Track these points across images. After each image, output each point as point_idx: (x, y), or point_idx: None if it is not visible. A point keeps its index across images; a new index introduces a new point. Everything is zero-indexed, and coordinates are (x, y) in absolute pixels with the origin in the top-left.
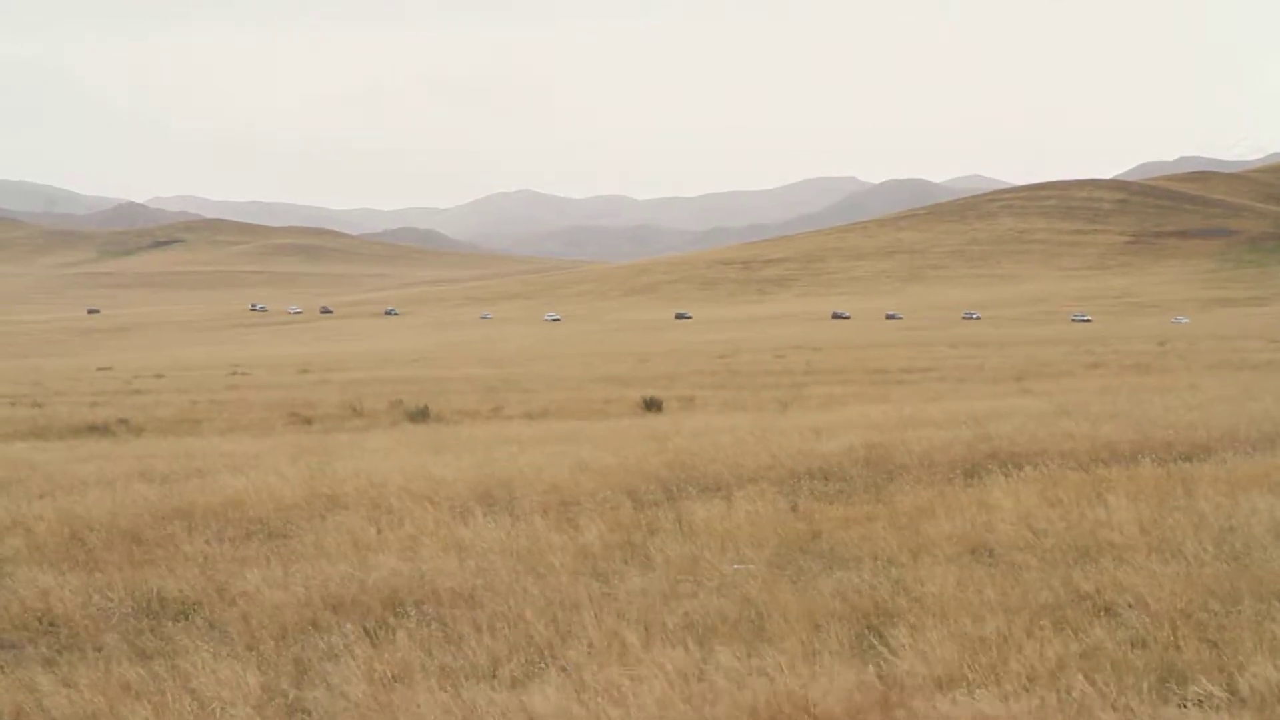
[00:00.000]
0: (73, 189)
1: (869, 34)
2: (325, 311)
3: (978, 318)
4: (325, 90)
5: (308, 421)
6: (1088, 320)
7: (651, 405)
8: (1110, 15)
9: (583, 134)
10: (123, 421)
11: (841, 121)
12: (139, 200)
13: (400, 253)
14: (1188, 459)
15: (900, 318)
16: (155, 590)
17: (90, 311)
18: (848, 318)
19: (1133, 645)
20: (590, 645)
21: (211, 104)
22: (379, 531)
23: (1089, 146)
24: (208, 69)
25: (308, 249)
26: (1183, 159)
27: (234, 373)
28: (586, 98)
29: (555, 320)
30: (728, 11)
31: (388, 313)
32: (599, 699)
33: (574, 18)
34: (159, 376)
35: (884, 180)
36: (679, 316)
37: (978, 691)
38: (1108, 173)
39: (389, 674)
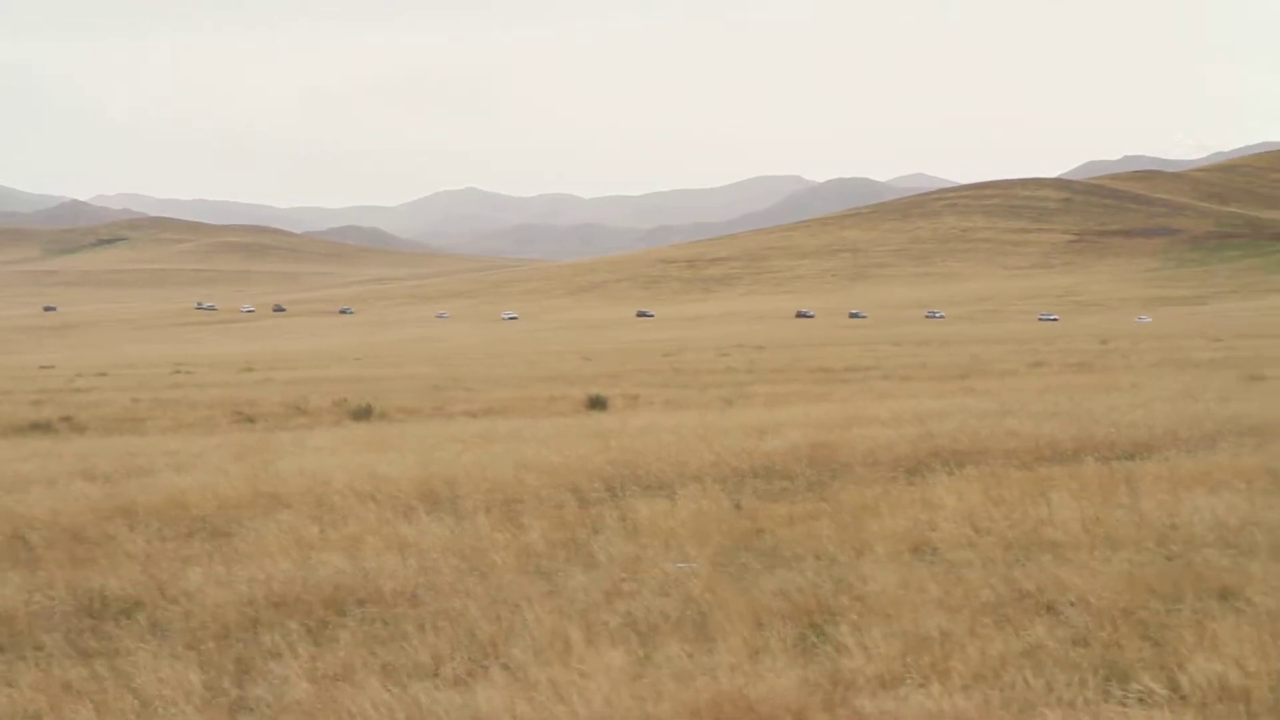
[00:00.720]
0: (16, 187)
1: (813, 35)
2: (278, 309)
3: (941, 316)
4: (271, 89)
5: (251, 420)
6: (1054, 319)
7: (596, 403)
8: (1054, 15)
9: (529, 133)
10: (65, 419)
11: (786, 121)
12: (83, 198)
13: (345, 251)
14: (1130, 457)
15: (865, 316)
16: (97, 589)
17: (46, 309)
18: (811, 316)
19: (1075, 643)
20: (534, 643)
21: (156, 103)
22: (322, 530)
23: (1033, 146)
24: (153, 68)
25: (252, 247)
26: (1126, 158)
27: (177, 371)
28: (533, 96)
29: (513, 319)
30: (673, 12)
31: (343, 311)
32: (543, 697)
33: (519, 18)
34: (102, 375)
35: (828, 179)
36: (640, 314)
37: (921, 689)
38: (1052, 172)
39: (332, 672)
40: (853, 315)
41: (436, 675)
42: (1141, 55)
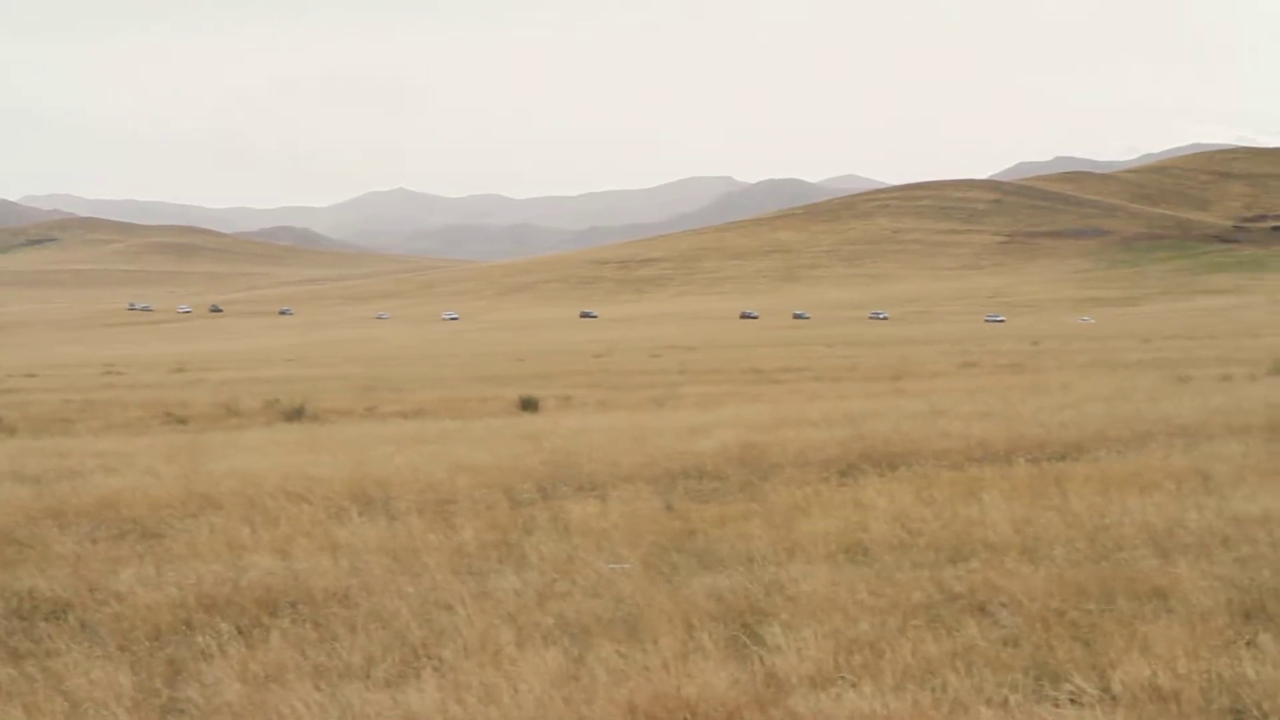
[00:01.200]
0: None
1: (742, 36)
2: (215, 310)
3: (885, 317)
4: (201, 88)
5: (182, 421)
6: (1001, 321)
7: (528, 404)
8: (986, 17)
9: (460, 133)
10: None
11: (717, 122)
12: (11, 198)
13: (275, 252)
14: (1061, 458)
15: (808, 317)
16: (27, 590)
17: None
18: (755, 317)
19: (1006, 644)
20: (466, 644)
21: (86, 103)
22: (253, 531)
23: (965, 147)
24: (81, 66)
25: (182, 248)
26: (1057, 159)
27: (108, 372)
28: (463, 97)
29: (454, 319)
30: (603, 13)
31: (282, 312)
32: (475, 698)
33: (450, 17)
34: (31, 376)
35: (760, 180)
36: (584, 315)
37: (853, 689)
38: (983, 173)
39: (263, 674)
40: (796, 316)
41: (368, 676)
42: (1072, 57)
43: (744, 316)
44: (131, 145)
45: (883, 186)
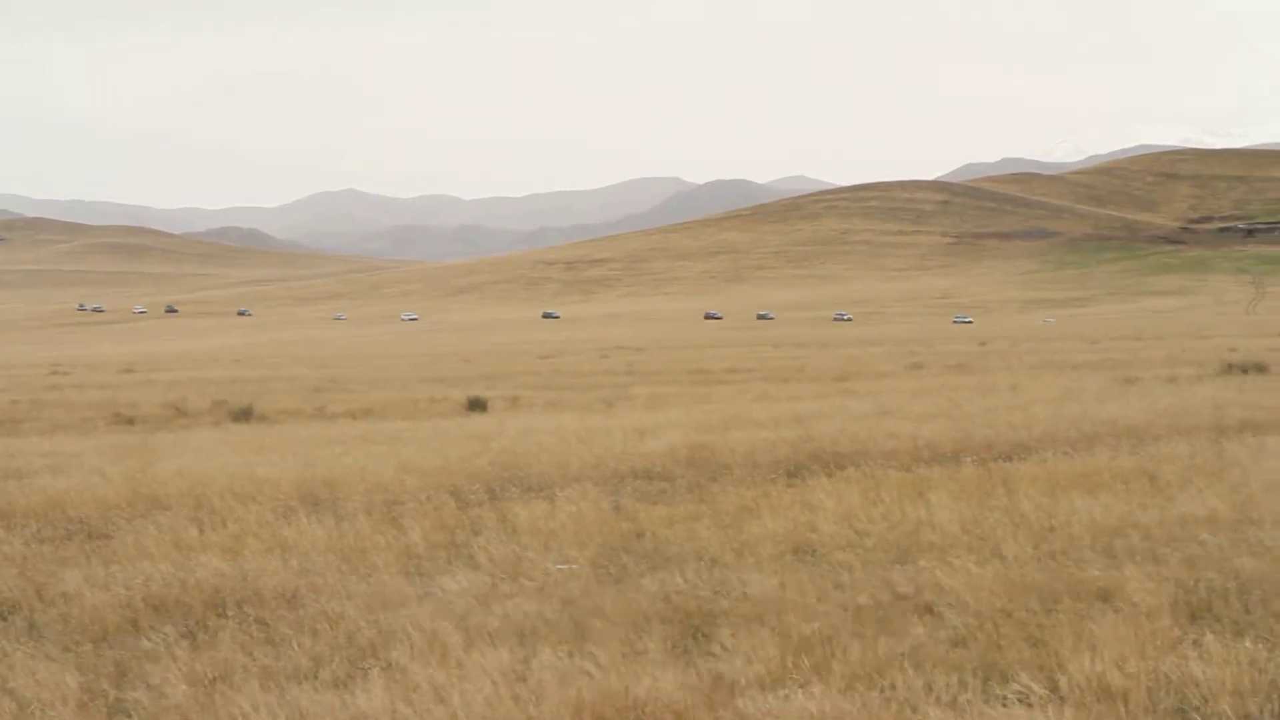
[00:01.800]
0: None
1: (691, 37)
2: (171, 310)
3: (849, 319)
4: (151, 89)
5: (130, 421)
6: (969, 322)
7: (476, 405)
8: (934, 19)
9: (410, 134)
10: None
11: (665, 123)
12: None
13: (223, 252)
14: (1008, 459)
15: (772, 317)
16: None
17: None
18: (720, 318)
19: (954, 644)
20: (414, 645)
21: (35, 101)
22: (201, 532)
23: (912, 148)
24: (31, 65)
25: (130, 248)
26: (1005, 160)
27: (55, 372)
28: (414, 98)
29: (413, 319)
30: (553, 15)
31: (241, 313)
32: (424, 699)
33: (401, 19)
34: None
35: (708, 181)
36: (546, 315)
37: (802, 690)
38: (930, 174)
39: (210, 675)
40: (760, 317)
41: (316, 677)
42: (1019, 59)
43: (708, 317)
44: (80, 145)
45: (831, 187)
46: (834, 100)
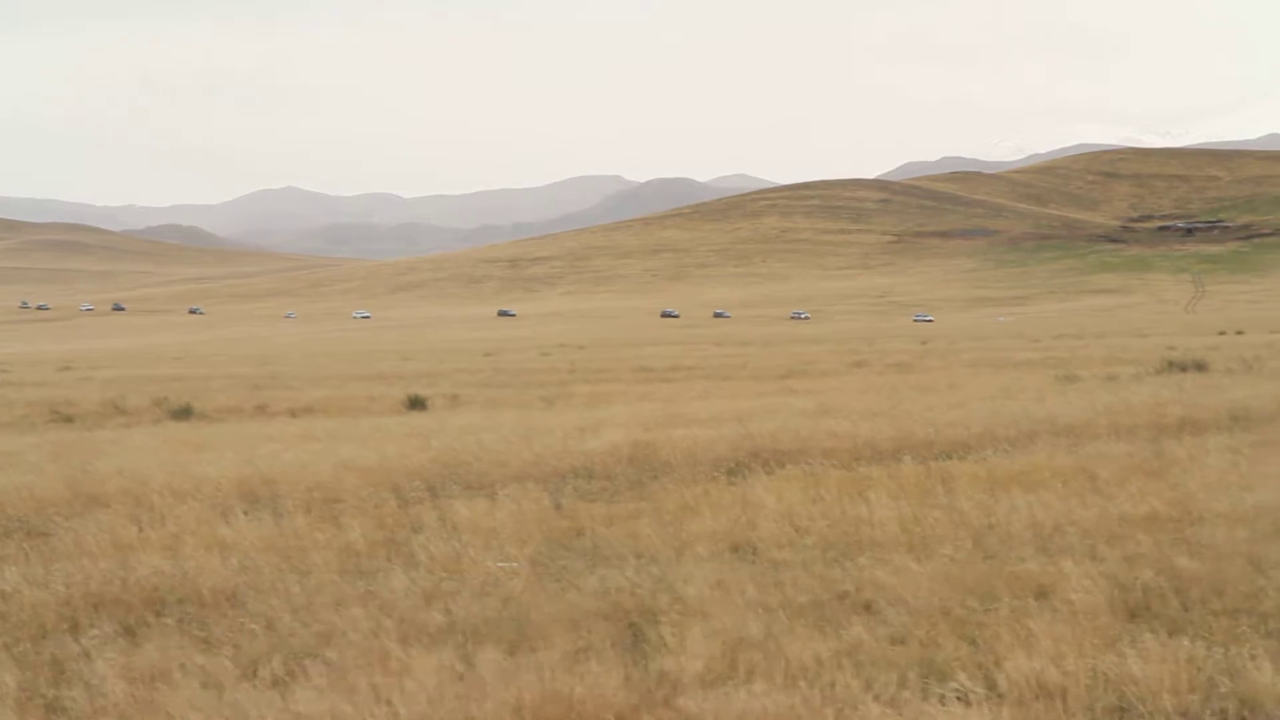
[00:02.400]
0: None
1: (632, 36)
2: (118, 309)
3: (806, 317)
4: (95, 85)
5: (69, 419)
6: (929, 320)
7: (416, 403)
8: (874, 18)
9: (350, 132)
10: None
11: (607, 121)
12: None
13: (163, 250)
14: (948, 457)
15: (729, 315)
16: None
17: None
18: (676, 316)
19: (893, 642)
20: (354, 644)
21: None
22: (141, 530)
23: (853, 147)
24: None
25: (70, 245)
26: (945, 159)
27: None
28: (355, 96)
29: (365, 318)
30: (494, 14)
31: (192, 311)
32: (364, 698)
33: (342, 16)
34: None
35: (649, 179)
36: (501, 314)
37: (742, 688)
38: (871, 173)
39: (149, 673)
40: (717, 315)
41: (255, 676)
42: (960, 58)
43: (665, 315)
44: (19, 142)
45: (772, 186)
46: (775, 99)
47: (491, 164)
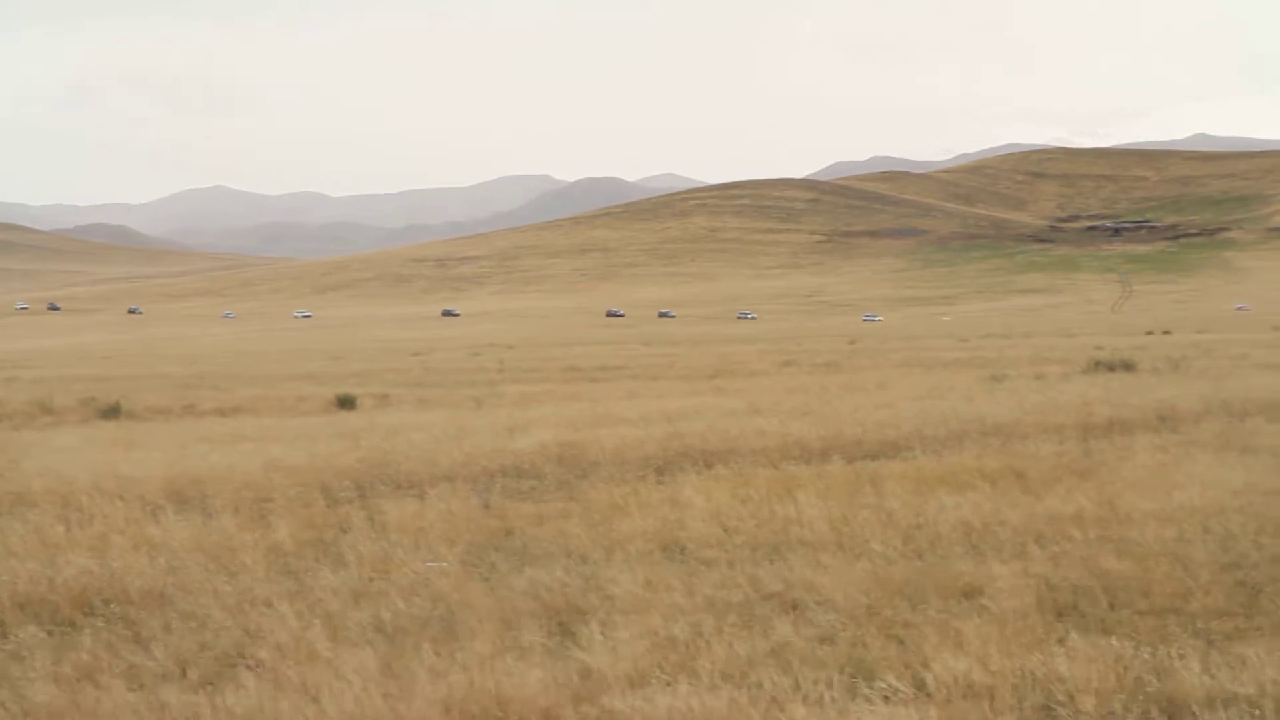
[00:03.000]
0: None
1: (559, 34)
2: (53, 308)
3: (753, 317)
4: (16, 83)
5: None
6: (878, 320)
7: (345, 403)
8: (800, 18)
9: (278, 131)
10: None
11: (536, 120)
12: None
13: (91, 249)
14: (876, 457)
15: (674, 315)
16: None
17: None
18: (622, 315)
19: (821, 642)
20: (282, 644)
21: None
22: (68, 530)
23: (782, 146)
24: None
25: None
26: (874, 159)
27: None
28: (283, 94)
29: (306, 316)
30: (422, 11)
31: (131, 311)
32: (293, 697)
33: (269, 14)
34: None
35: (579, 178)
36: (446, 313)
37: (669, 688)
38: (800, 172)
39: (77, 674)
40: (662, 315)
41: (184, 676)
42: (887, 57)
43: (610, 315)
44: None
45: (701, 185)
46: (703, 99)
47: (420, 163)
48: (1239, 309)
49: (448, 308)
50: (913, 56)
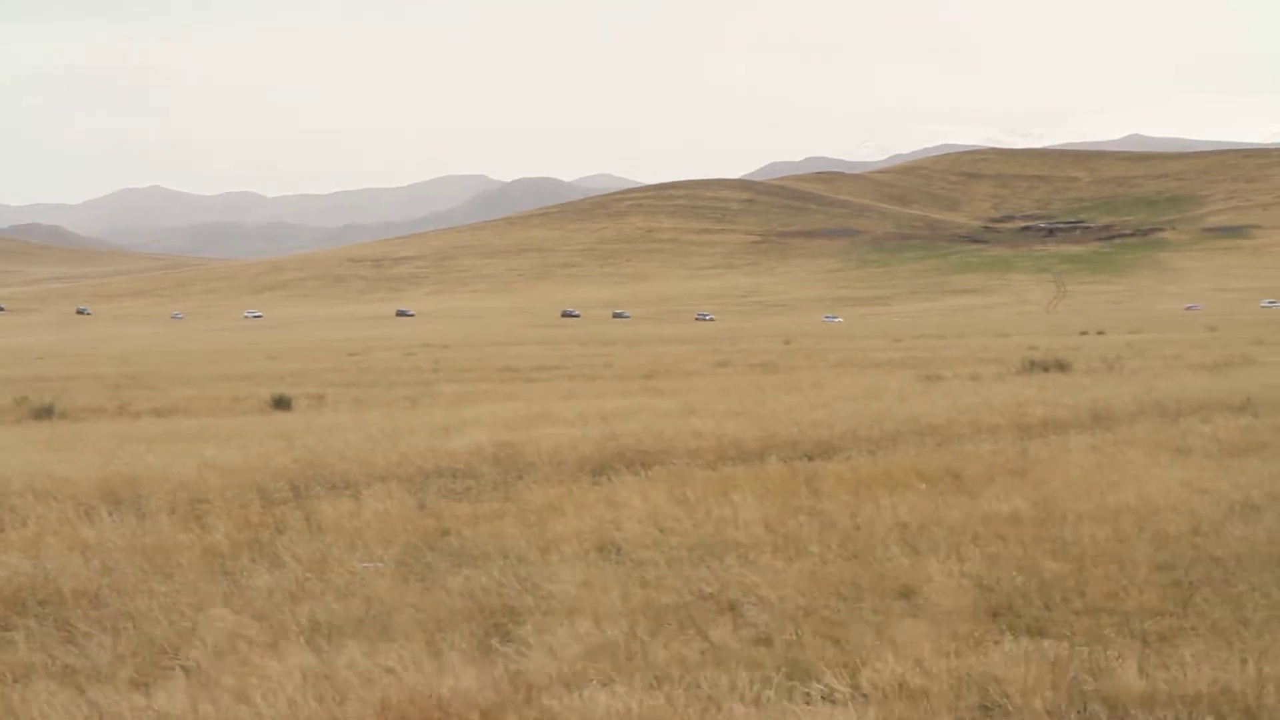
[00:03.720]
0: None
1: (496, 34)
2: None
3: (710, 319)
4: None
5: None
6: (838, 320)
7: (280, 403)
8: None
9: (213, 131)
10: None
11: (472, 120)
12: None
13: (24, 249)
14: (813, 457)
15: (628, 316)
16: None
17: None
18: (577, 315)
19: (758, 643)
20: (217, 645)
21: None
22: (1, 530)
23: (717, 147)
24: None
25: None
26: (809, 159)
27: None
28: (219, 95)
29: (257, 317)
30: (355, 11)
31: (80, 311)
32: (228, 698)
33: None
34: None
35: (515, 178)
36: (400, 314)
37: (605, 689)
38: (736, 173)
39: (9, 675)
40: (616, 315)
41: (117, 677)
42: (822, 58)
43: (565, 315)
44: None
45: (637, 186)
46: (640, 99)
47: (356, 163)
48: (1189, 309)
49: (401, 307)
50: (847, 58)
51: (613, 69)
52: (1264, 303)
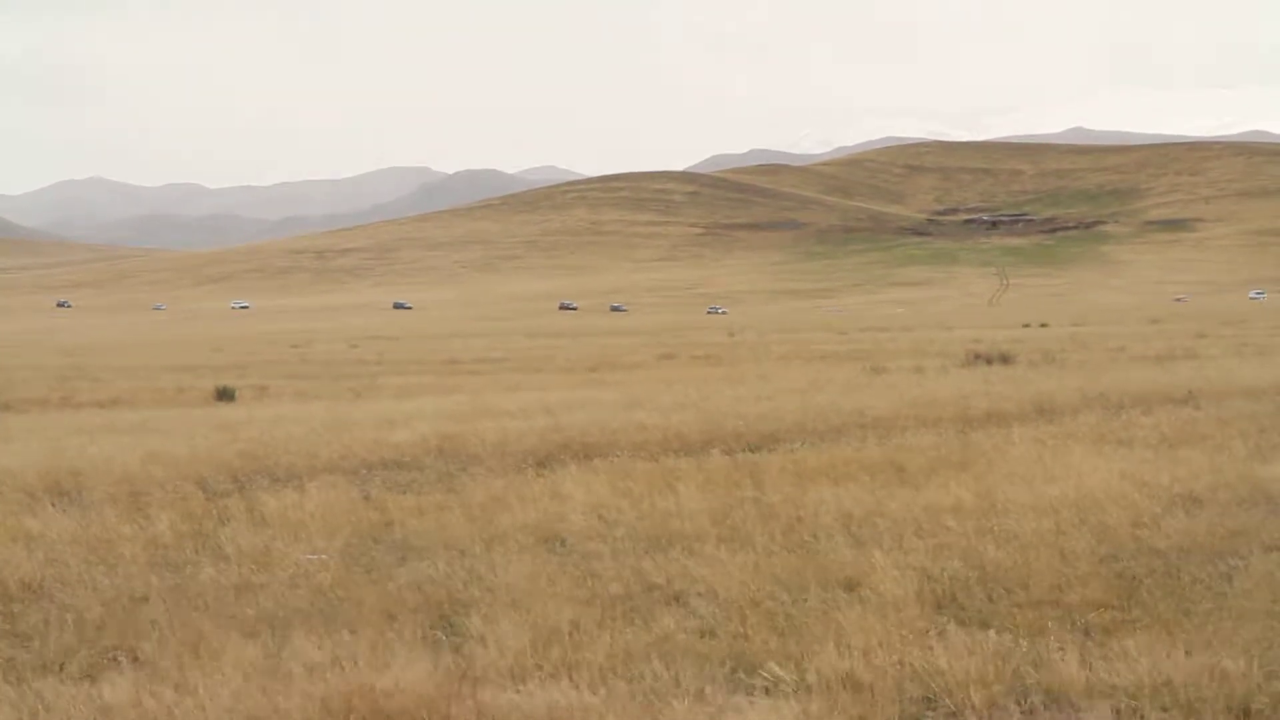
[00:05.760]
0: None
1: (436, 24)
2: None
3: (724, 312)
4: None
5: None
6: (841, 312)
7: (224, 395)
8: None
9: (155, 121)
10: None
11: (413, 112)
12: None
13: None
14: (757, 449)
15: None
16: None
17: None
18: (575, 309)
19: (703, 634)
20: (161, 637)
21: None
22: None
23: (660, 139)
24: None
25: None
26: (753, 151)
27: None
28: (161, 86)
29: (244, 308)
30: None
31: (60, 304)
32: (172, 691)
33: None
34: None
35: (458, 170)
36: (397, 306)
37: (550, 682)
38: (679, 165)
39: None
40: (614, 309)
41: (61, 670)
42: (766, 51)
43: (563, 308)
44: None
45: (581, 178)
46: (582, 91)
47: (299, 154)
48: (1178, 300)
49: (399, 300)
50: (790, 50)
51: (554, 62)
52: (1252, 294)
